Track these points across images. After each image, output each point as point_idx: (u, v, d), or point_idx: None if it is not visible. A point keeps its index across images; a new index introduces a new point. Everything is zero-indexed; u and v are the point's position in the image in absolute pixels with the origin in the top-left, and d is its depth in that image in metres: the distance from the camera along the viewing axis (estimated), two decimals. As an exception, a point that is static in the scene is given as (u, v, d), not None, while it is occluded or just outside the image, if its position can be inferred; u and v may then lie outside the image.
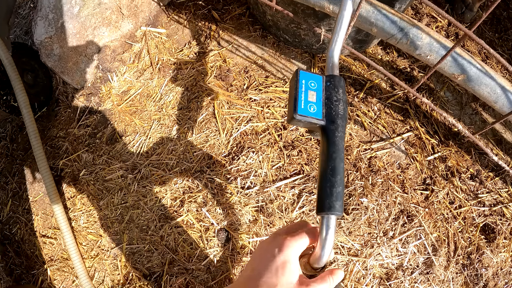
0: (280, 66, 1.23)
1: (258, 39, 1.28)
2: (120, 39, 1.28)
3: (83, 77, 1.26)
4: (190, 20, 1.35)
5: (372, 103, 1.19)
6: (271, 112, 1.13)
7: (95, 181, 1.15)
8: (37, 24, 1.14)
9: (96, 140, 1.20)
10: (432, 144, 1.13)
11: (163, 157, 1.11)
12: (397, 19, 0.86)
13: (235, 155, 1.08)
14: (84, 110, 1.26)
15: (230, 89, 1.18)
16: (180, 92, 1.19)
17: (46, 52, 1.18)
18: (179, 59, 1.25)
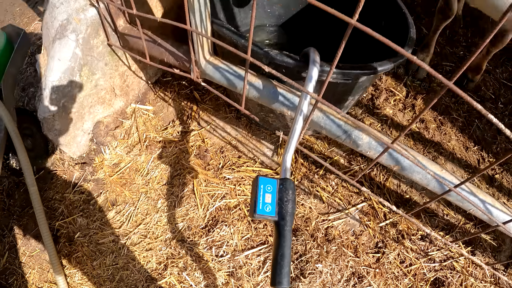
0: (251, 147, 1.48)
1: (233, 120, 1.52)
2: (112, 115, 1.50)
3: (79, 149, 1.47)
4: (174, 98, 1.59)
5: (330, 179, 1.45)
6: (242, 190, 1.38)
7: (89, 243, 1.36)
8: (41, 102, 1.34)
9: (90, 206, 1.41)
10: (384, 212, 1.40)
11: (150, 227, 1.33)
12: (342, 123, 1.10)
13: (211, 228, 1.31)
14: (79, 178, 1.46)
15: (208, 167, 1.42)
16: (164, 169, 1.42)
17: (48, 126, 1.38)
18: (164, 137, 1.48)
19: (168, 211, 1.35)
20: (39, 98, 1.31)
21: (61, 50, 1.23)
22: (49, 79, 1.25)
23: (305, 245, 1.31)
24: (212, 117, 1.54)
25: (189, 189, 1.37)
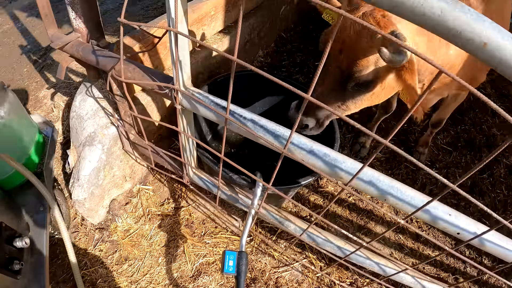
0: (224, 219, 2.15)
1: (211, 199, 2.18)
2: (123, 194, 2.13)
3: (99, 218, 2.08)
4: (168, 180, 2.24)
5: (280, 243, 2.12)
6: (218, 250, 2.03)
7: (108, 287, 1.96)
8: (75, 189, 1.95)
9: (108, 260, 2.02)
10: (320, 265, 2.07)
11: (153, 276, 1.95)
12: (278, 216, 1.77)
13: (196, 277, 1.95)
14: (98, 239, 2.07)
15: (194, 234, 2.07)
16: (163, 235, 2.06)
17: (79, 205, 1.99)
18: (161, 212, 2.13)
19: (166, 265, 1.98)
20: (73, 185, 1.93)
21: (90, 154, 1.87)
22: (81, 174, 1.88)
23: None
24: (197, 197, 2.20)
25: (180, 250, 2.01)
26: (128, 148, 1.98)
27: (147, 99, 1.95)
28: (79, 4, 1.62)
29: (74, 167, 1.93)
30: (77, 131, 1.91)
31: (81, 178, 1.86)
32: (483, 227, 1.13)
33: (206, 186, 1.80)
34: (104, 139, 1.85)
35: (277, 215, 1.74)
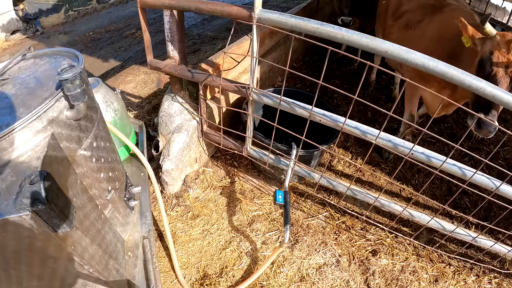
0: (266, 188, 3.15)
1: (255, 176, 3.20)
2: (193, 172, 3.14)
3: (176, 188, 3.06)
4: (222, 165, 3.27)
5: (307, 202, 3.12)
6: (264, 207, 3.02)
7: (185, 235, 2.89)
8: (165, 162, 2.92)
9: (183, 218, 2.97)
10: (337, 216, 3.06)
11: (220, 225, 2.91)
12: (306, 170, 2.80)
13: (251, 223, 2.92)
14: (175, 204, 3.03)
15: (246, 198, 3.06)
16: (224, 199, 3.05)
17: (167, 174, 2.95)
18: (221, 185, 3.13)
19: (228, 218, 2.94)
20: (163, 160, 2.93)
21: (178, 138, 2.89)
22: (171, 151, 2.88)
23: (297, 232, 2.93)
24: (245, 174, 3.22)
25: (238, 208, 2.99)
26: (202, 137, 3.04)
27: (213, 105, 3.03)
28: (177, 42, 2.75)
29: (164, 148, 2.95)
30: (166, 124, 2.95)
31: (171, 154, 2.87)
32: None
33: (259, 156, 2.83)
34: (189, 127, 2.90)
35: (305, 169, 2.77)
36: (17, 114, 1.34)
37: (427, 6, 3.33)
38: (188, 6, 2.37)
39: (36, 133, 1.36)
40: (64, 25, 7.70)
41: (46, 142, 1.39)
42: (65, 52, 1.83)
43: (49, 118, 1.41)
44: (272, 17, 2.13)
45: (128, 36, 6.40)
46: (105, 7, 8.87)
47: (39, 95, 1.45)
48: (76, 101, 1.47)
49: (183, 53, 2.87)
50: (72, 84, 1.40)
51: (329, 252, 2.74)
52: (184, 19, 2.78)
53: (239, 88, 2.49)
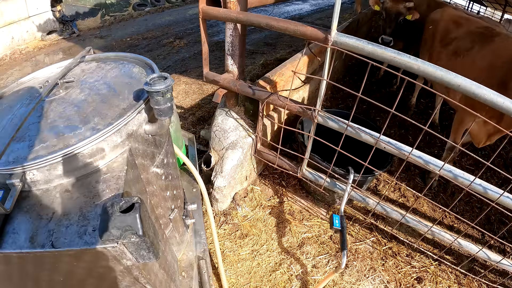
0: (314, 210, 3.12)
1: (304, 197, 3.17)
2: (243, 190, 3.11)
3: (226, 205, 3.04)
4: (271, 184, 3.24)
5: (355, 226, 3.07)
6: (313, 230, 2.98)
7: (233, 254, 2.87)
8: (218, 179, 2.90)
9: (231, 236, 2.94)
10: (384, 241, 3.01)
11: (269, 246, 2.88)
12: (361, 195, 2.75)
13: (301, 246, 2.88)
14: (223, 221, 3.01)
15: (295, 219, 3.02)
16: (273, 219, 3.02)
17: (218, 191, 2.94)
18: (270, 204, 3.10)
19: (278, 239, 2.91)
20: (215, 176, 2.91)
21: (233, 155, 2.87)
22: (224, 168, 2.86)
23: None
24: (293, 195, 3.19)
25: (287, 229, 2.96)
26: (255, 155, 3.02)
27: (268, 123, 3.01)
28: (237, 56, 2.74)
29: (216, 164, 2.93)
30: (220, 139, 2.94)
31: (224, 171, 2.85)
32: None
33: (314, 178, 2.79)
34: (244, 145, 2.88)
35: (361, 194, 2.72)
36: (92, 124, 1.25)
37: (477, 34, 3.34)
38: (257, 22, 2.36)
39: (114, 147, 1.26)
40: (100, 29, 7.81)
41: (124, 158, 1.29)
42: (131, 58, 1.78)
43: (129, 131, 1.30)
44: (349, 42, 2.11)
45: (166, 45, 6.46)
46: (141, 14, 9.00)
47: (115, 104, 1.37)
48: (162, 116, 1.34)
49: (242, 68, 2.87)
50: (163, 97, 1.28)
51: (378, 279, 2.70)
52: (246, 33, 2.78)
53: (304, 110, 2.47)
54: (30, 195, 1.16)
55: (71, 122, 1.26)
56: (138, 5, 9.52)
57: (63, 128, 1.24)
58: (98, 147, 1.19)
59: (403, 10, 4.32)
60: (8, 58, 7.11)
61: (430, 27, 4.14)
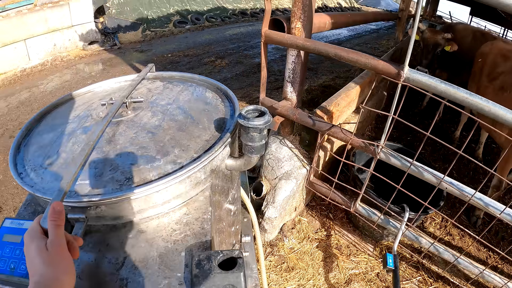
0: (362, 245, 3.03)
1: (351, 231, 3.09)
2: (291, 221, 3.05)
3: (273, 236, 2.98)
4: (318, 216, 3.17)
5: (402, 263, 2.97)
6: (360, 266, 2.89)
7: (278, 288, 2.80)
8: (269, 209, 2.85)
9: (277, 269, 2.88)
10: (430, 281, 2.90)
11: (316, 282, 2.80)
12: (414, 233, 2.66)
13: (348, 283, 2.79)
14: (269, 253, 2.95)
15: (342, 254, 2.94)
16: (320, 253, 2.94)
17: (268, 222, 2.89)
18: (317, 237, 3.03)
19: (325, 274, 2.83)
20: (267, 206, 2.87)
21: (286, 186, 2.82)
22: (277, 199, 2.82)
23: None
24: (340, 228, 3.11)
25: (334, 264, 2.88)
26: (308, 185, 2.96)
27: (321, 153, 2.97)
28: (297, 84, 2.71)
29: (267, 194, 2.89)
30: (273, 168, 2.90)
31: (276, 201, 2.80)
32: None
33: (367, 214, 2.72)
34: (298, 176, 2.84)
35: (414, 233, 2.63)
36: (172, 156, 1.12)
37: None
38: (325, 51, 2.32)
39: (196, 185, 1.14)
40: (141, 43, 7.95)
41: (206, 197, 1.18)
42: (200, 80, 1.69)
43: (212, 167, 1.18)
44: (421, 79, 2.05)
45: (208, 64, 6.52)
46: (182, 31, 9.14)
47: (196, 134, 1.24)
48: (254, 153, 1.20)
49: (301, 96, 2.85)
50: (259, 133, 1.14)
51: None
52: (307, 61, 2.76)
53: (366, 145, 2.42)
54: (94, 229, 1.06)
55: (147, 151, 1.12)
56: (178, 22, 9.71)
57: (137, 157, 1.10)
58: (179, 185, 1.08)
59: (441, 41, 4.25)
60: (49, 64, 7.30)
61: (479, 60, 4.07)
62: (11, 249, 0.97)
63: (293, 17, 2.61)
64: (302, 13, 2.57)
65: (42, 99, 5.87)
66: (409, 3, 6.36)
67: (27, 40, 7.27)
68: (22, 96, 6.04)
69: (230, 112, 1.45)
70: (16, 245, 0.98)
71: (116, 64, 6.98)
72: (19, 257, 0.95)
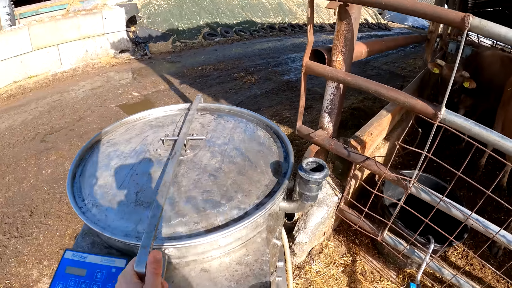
0: (385, 272, 3.12)
1: (375, 258, 3.18)
2: (319, 245, 3.16)
3: (300, 260, 3.09)
4: (344, 241, 3.27)
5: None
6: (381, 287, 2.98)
7: (304, 310, 2.90)
8: (300, 234, 2.95)
9: (303, 292, 2.98)
10: None
11: (339, 306, 2.90)
12: (437, 265, 2.73)
13: (371, 312, 2.88)
14: (296, 275, 3.05)
15: (366, 280, 3.03)
16: (345, 278, 3.03)
17: (299, 246, 2.97)
18: (343, 262, 3.13)
19: None
20: (298, 231, 2.97)
21: (318, 212, 2.93)
22: (308, 224, 2.92)
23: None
24: (365, 254, 3.20)
25: None
26: (337, 212, 3.07)
27: (352, 182, 3.07)
28: (334, 115, 2.83)
29: (299, 219, 3.00)
30: (304, 195, 3.02)
31: (307, 227, 2.91)
32: None
33: (393, 243, 2.81)
34: (330, 203, 2.94)
35: (437, 264, 2.71)
36: (236, 202, 1.18)
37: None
38: (366, 87, 2.40)
39: (255, 228, 1.20)
40: (171, 54, 8.15)
41: (263, 239, 1.21)
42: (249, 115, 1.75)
43: (271, 212, 1.24)
44: (457, 121, 2.14)
45: (237, 79, 6.67)
46: (211, 44, 9.34)
47: (256, 179, 1.29)
48: (308, 201, 1.27)
49: (337, 126, 2.96)
50: (317, 185, 1.22)
51: None
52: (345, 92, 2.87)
53: (399, 179, 2.51)
54: None
55: (211, 195, 1.18)
56: (208, 34, 9.94)
57: (202, 202, 1.16)
58: (243, 229, 1.12)
59: (458, 79, 4.28)
60: (80, 69, 7.52)
61: (509, 89, 4.09)
62: (76, 282, 1.03)
63: (334, 50, 2.73)
64: (344, 46, 2.68)
65: (74, 105, 6.07)
66: (439, 25, 6.41)
67: (59, 45, 7.57)
68: (53, 100, 6.25)
69: (283, 155, 1.56)
70: (81, 279, 1.02)
71: (146, 74, 7.18)
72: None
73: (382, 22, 19.35)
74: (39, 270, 3.06)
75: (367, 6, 2.69)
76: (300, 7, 15.12)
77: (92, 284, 1.02)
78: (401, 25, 20.27)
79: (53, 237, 3.38)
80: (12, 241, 3.33)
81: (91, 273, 1.04)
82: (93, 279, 1.03)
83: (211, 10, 10.87)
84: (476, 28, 1.85)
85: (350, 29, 2.63)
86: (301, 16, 14.40)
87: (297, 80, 6.99)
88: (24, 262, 3.12)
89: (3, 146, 4.89)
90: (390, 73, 9.14)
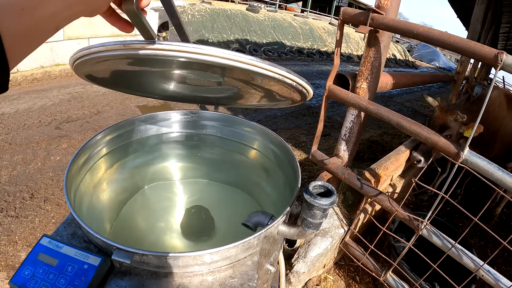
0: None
1: (376, 299, 3.01)
2: (317, 277, 3.00)
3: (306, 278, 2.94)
4: (344, 276, 3.11)
5: None
6: None
7: None
8: (299, 263, 2.81)
9: (295, 321, 2.82)
10: None
11: None
12: None
13: None
14: None
15: (364, 322, 2.86)
16: (341, 315, 2.88)
17: (296, 275, 2.81)
18: (341, 297, 2.97)
19: None
20: (297, 260, 2.83)
21: (321, 243, 2.78)
22: (309, 254, 2.78)
23: None
24: (365, 295, 3.04)
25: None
26: (341, 245, 2.92)
27: (361, 216, 2.93)
28: (352, 144, 2.71)
29: (300, 247, 2.86)
30: (309, 221, 2.89)
31: (308, 257, 2.77)
32: None
33: (396, 286, 2.64)
34: (334, 235, 2.80)
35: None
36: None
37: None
38: (388, 118, 2.29)
39: (247, 249, 1.13)
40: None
41: (254, 263, 1.15)
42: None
43: (267, 234, 1.17)
44: (480, 164, 1.99)
45: (258, 96, 6.59)
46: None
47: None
48: (310, 228, 1.20)
49: (353, 156, 2.83)
50: (322, 212, 1.14)
51: None
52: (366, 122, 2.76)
53: (411, 219, 2.37)
54: (134, 272, 1.04)
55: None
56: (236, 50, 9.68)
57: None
58: (232, 248, 1.06)
59: (451, 123, 2.92)
60: (109, 71, 7.54)
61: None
62: (44, 271, 0.97)
63: (359, 76, 2.63)
64: (370, 73, 2.58)
65: (94, 98, 6.09)
66: (467, 67, 6.31)
67: (90, 39, 7.63)
68: (75, 91, 6.29)
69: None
70: (50, 268, 0.97)
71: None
72: (52, 282, 0.94)
73: (410, 59, 19.29)
74: (28, 253, 2.97)
75: (398, 34, 2.57)
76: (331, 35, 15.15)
77: (60, 277, 0.95)
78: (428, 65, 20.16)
79: (48, 223, 3.29)
80: (7, 220, 3.25)
81: (62, 265, 0.97)
82: (62, 271, 0.96)
83: (242, 27, 10.90)
84: (509, 66, 1.70)
85: (378, 57, 2.52)
86: (330, 44, 14.40)
87: (319, 106, 6.89)
88: (14, 242, 3.03)
89: (18, 126, 4.88)
90: (413, 110, 9.01)
